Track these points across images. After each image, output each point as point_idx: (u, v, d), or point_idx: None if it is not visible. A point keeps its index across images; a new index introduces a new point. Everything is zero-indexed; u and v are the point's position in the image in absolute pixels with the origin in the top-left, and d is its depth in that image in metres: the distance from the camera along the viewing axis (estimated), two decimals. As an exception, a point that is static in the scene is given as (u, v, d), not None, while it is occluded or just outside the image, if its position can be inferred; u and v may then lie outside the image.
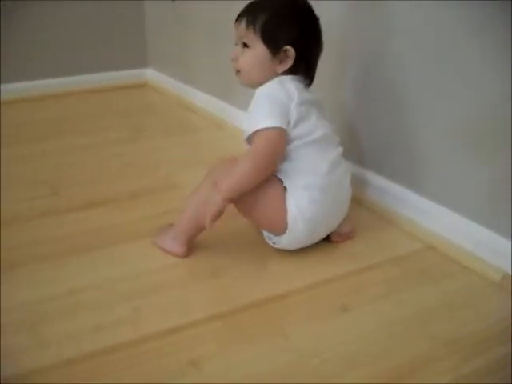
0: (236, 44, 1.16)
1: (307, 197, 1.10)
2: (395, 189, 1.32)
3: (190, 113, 2.09)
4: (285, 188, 1.11)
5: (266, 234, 1.17)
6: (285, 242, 1.13)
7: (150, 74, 2.47)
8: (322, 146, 1.13)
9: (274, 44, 1.11)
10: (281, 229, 1.12)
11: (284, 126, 1.07)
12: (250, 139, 1.11)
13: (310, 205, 1.10)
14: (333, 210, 1.15)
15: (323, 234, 1.18)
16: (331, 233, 1.20)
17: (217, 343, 0.92)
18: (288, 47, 1.10)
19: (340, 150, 1.17)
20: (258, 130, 1.07)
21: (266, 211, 1.11)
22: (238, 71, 1.16)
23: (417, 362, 0.89)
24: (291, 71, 1.13)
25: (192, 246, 1.16)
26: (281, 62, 1.12)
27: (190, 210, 1.13)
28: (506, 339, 0.94)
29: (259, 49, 1.11)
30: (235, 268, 1.13)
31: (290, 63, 1.12)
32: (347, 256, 1.18)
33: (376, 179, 1.37)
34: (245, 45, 1.13)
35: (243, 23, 1.12)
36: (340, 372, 0.87)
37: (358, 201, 1.34)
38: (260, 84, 1.13)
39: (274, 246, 1.15)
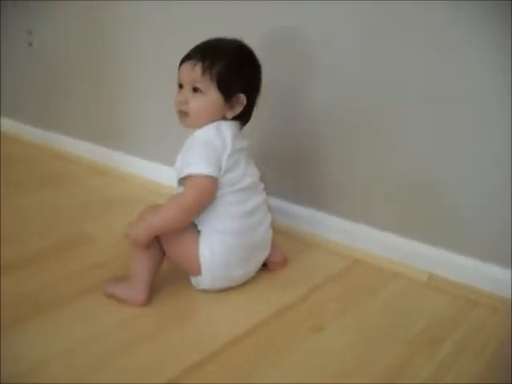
0: (181, 86, 1.16)
1: (221, 241, 1.13)
2: (313, 214, 1.44)
3: (62, 161, 2.01)
4: (199, 232, 1.15)
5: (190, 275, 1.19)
6: (204, 283, 1.16)
7: (7, 124, 2.30)
8: (246, 194, 1.17)
9: (227, 91, 1.14)
10: (196, 271, 1.15)
11: (216, 175, 1.11)
12: (181, 180, 1.13)
13: (223, 249, 1.14)
14: (249, 253, 1.18)
15: (243, 276, 1.21)
16: (267, 262, 1.28)
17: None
18: (241, 95, 1.15)
19: (263, 195, 1.23)
20: (190, 175, 1.10)
21: (180, 253, 1.15)
22: (184, 113, 1.16)
23: (399, 362, 1.00)
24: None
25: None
26: (231, 107, 1.16)
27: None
28: (450, 328, 1.10)
29: (213, 95, 1.14)
30: (196, 311, 1.15)
31: (240, 109, 1.16)
32: (289, 282, 1.26)
33: (294, 208, 1.47)
34: (195, 89, 1.14)
35: (198, 68, 1.13)
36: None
37: (281, 231, 1.43)
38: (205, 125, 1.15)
39: (197, 287, 1.18)
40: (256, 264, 1.23)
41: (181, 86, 1.17)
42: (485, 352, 1.03)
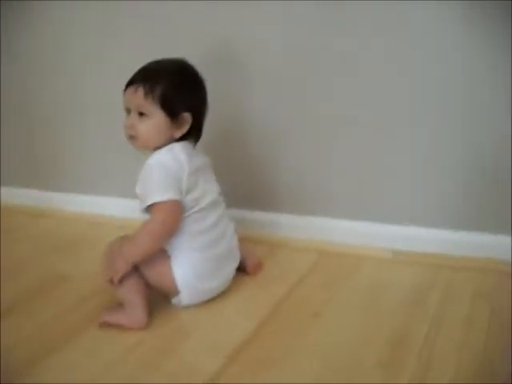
0: (128, 111, 1.19)
1: (189, 259, 1.17)
2: (271, 217, 1.52)
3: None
4: (168, 255, 1.19)
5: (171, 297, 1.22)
6: (185, 300, 1.19)
7: None
8: (206, 211, 1.20)
9: (172, 112, 1.16)
10: (174, 291, 1.19)
11: (178, 198, 1.14)
12: (146, 209, 1.16)
13: (193, 265, 1.17)
14: (218, 264, 1.22)
15: (219, 286, 1.23)
16: (245, 267, 1.33)
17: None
18: (185, 114, 1.18)
19: (223, 207, 1.26)
20: (154, 204, 1.13)
21: (157, 278, 1.18)
22: (133, 137, 1.18)
23: (398, 329, 1.10)
24: (183, 134, 1.20)
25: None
26: (178, 127, 1.18)
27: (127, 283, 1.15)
28: (428, 291, 1.23)
29: (158, 117, 1.16)
30: (198, 323, 1.17)
31: (186, 128, 1.19)
32: (271, 281, 1.31)
33: (252, 215, 1.54)
34: (140, 113, 1.16)
35: (140, 92, 1.15)
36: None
37: (245, 239, 1.44)
38: (158, 146, 1.18)
39: (179, 305, 1.20)
40: (229, 273, 1.26)
41: (128, 111, 1.19)
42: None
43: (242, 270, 1.33)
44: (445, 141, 1.31)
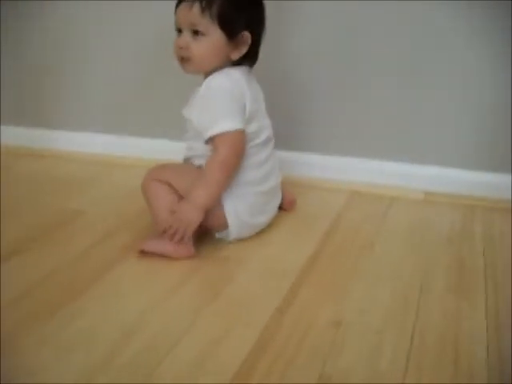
0: (179, 30, 1.09)
1: (243, 192, 1.12)
2: (304, 157, 1.48)
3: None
4: None
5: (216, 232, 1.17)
6: (233, 235, 1.14)
7: None
8: (263, 146, 1.16)
9: (231, 30, 1.07)
10: (222, 225, 1.13)
11: (243, 127, 1.08)
12: (210, 139, 1.09)
13: (246, 199, 1.13)
14: (267, 199, 1.18)
15: (265, 221, 1.20)
16: (281, 203, 1.29)
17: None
18: (245, 33, 1.09)
19: (273, 142, 1.20)
20: (221, 134, 1.06)
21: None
22: (186, 59, 1.09)
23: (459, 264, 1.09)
24: (240, 58, 1.11)
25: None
26: (236, 47, 1.09)
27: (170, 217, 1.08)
28: (472, 233, 1.22)
29: (216, 35, 1.07)
30: (251, 254, 1.12)
31: (245, 49, 1.10)
32: (311, 218, 1.29)
33: (287, 155, 1.46)
34: (195, 32, 1.07)
35: (196, 9, 1.05)
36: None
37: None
38: (211, 70, 1.10)
39: (227, 239, 1.15)
40: (274, 209, 1.23)
41: (179, 31, 1.09)
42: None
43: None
44: (475, 85, 1.32)
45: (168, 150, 1.41)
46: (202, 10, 1.06)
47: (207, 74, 1.12)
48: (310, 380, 0.75)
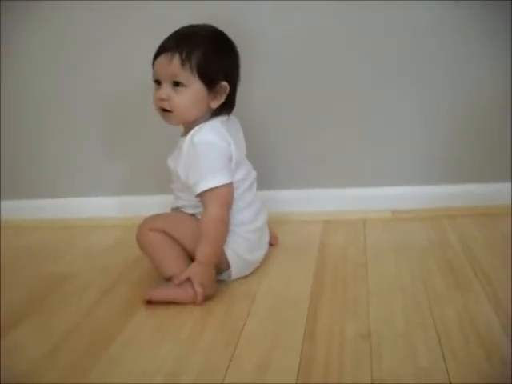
0: (159, 82, 1.11)
1: (241, 232, 1.16)
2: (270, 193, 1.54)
3: None
4: None
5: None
6: (235, 274, 1.18)
7: None
8: (252, 186, 1.22)
9: (211, 80, 1.10)
10: (223, 266, 1.16)
11: (231, 179, 1.11)
12: (197, 194, 1.11)
13: (244, 238, 1.17)
14: (261, 233, 1.23)
15: (262, 256, 1.24)
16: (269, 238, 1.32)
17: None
18: (223, 83, 1.12)
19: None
20: (209, 190, 1.08)
21: None
22: (167, 111, 1.11)
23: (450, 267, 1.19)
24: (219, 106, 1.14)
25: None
26: (215, 97, 1.12)
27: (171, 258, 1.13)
28: (449, 240, 1.33)
29: (196, 86, 1.09)
30: (258, 288, 1.15)
31: (224, 98, 1.13)
32: (299, 249, 1.34)
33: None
34: (176, 83, 1.09)
35: (176, 61, 1.08)
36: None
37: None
38: (193, 120, 1.13)
39: (229, 279, 1.18)
40: (266, 244, 1.27)
41: (158, 82, 1.12)
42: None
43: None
44: (432, 100, 1.45)
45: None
46: (183, 62, 1.08)
47: (189, 124, 1.14)
48: (366, 387, 0.79)
